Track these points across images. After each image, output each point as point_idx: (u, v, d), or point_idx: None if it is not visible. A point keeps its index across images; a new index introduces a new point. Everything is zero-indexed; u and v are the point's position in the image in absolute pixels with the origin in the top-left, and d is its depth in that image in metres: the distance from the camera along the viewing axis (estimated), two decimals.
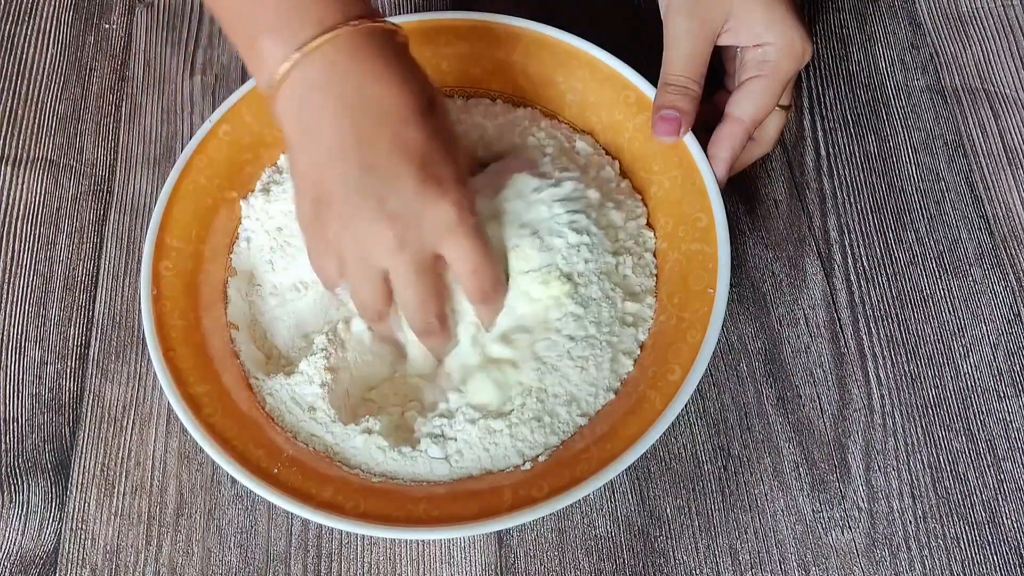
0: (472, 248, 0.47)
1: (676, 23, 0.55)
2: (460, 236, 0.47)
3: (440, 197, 0.45)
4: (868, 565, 0.51)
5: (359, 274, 0.48)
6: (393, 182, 0.45)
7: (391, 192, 0.45)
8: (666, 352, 0.52)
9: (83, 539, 0.53)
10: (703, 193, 0.54)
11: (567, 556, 0.52)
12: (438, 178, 0.46)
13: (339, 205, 0.46)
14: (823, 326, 0.57)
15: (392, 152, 0.45)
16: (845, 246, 0.59)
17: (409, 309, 0.49)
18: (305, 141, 0.46)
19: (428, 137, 0.46)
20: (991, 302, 0.58)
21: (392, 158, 0.45)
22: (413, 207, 0.45)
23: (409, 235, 0.46)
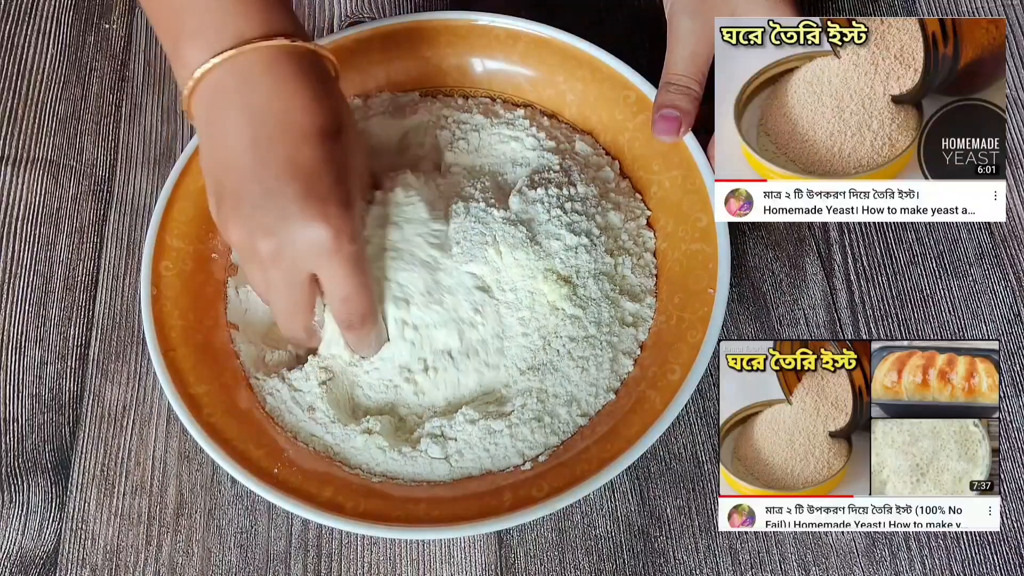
0: (344, 276, 0.47)
1: (679, 23, 0.55)
2: (333, 263, 0.47)
3: (318, 220, 0.46)
4: (868, 565, 0.51)
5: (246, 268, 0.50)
6: (277, 198, 0.46)
7: (272, 208, 0.46)
8: (666, 352, 0.52)
9: (83, 539, 0.53)
10: (703, 193, 0.54)
11: (567, 556, 0.52)
12: (322, 201, 0.46)
13: (228, 209, 0.47)
14: (823, 326, 0.57)
15: (283, 168, 0.46)
16: (845, 246, 0.59)
17: (278, 317, 0.52)
18: (209, 143, 0.48)
19: (324, 159, 0.46)
20: (991, 302, 0.58)
21: (281, 174, 0.46)
22: (290, 226, 0.46)
23: (284, 252, 0.47)
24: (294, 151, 0.46)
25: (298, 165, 0.46)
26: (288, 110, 0.46)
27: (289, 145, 0.46)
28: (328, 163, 0.46)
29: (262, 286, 0.50)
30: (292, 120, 0.46)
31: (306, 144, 0.46)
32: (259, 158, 0.46)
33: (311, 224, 0.46)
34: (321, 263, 0.47)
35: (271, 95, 0.46)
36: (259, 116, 0.46)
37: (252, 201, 0.46)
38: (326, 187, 0.46)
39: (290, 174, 0.46)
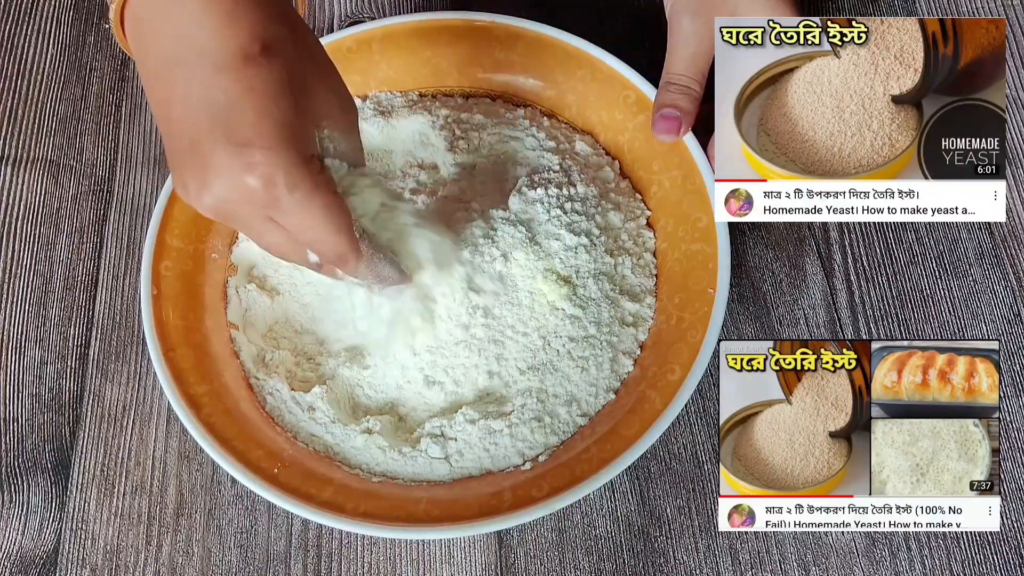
0: (300, 222, 0.40)
1: (680, 23, 0.55)
2: (280, 212, 0.40)
3: (245, 170, 0.38)
4: (868, 565, 0.51)
5: None
6: (200, 149, 0.39)
7: (198, 162, 0.39)
8: (666, 352, 0.52)
9: (83, 539, 0.53)
10: (703, 193, 0.54)
11: (567, 556, 0.52)
12: (244, 147, 0.38)
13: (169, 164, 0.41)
14: (823, 326, 0.57)
15: (199, 110, 0.38)
16: (845, 246, 0.59)
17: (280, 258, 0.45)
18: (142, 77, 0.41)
19: (243, 91, 0.38)
20: (991, 302, 0.58)
21: (199, 119, 0.39)
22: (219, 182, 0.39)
23: (227, 209, 0.40)
24: (208, 87, 0.38)
25: (213, 104, 0.38)
26: (197, 34, 0.38)
27: (201, 80, 0.38)
28: (249, 92, 0.38)
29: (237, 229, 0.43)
30: (204, 47, 0.38)
31: (221, 75, 0.38)
32: (171, 101, 0.39)
33: (237, 175, 0.38)
34: (269, 214, 0.40)
35: (186, 19, 0.39)
36: (174, 48, 0.39)
37: (180, 157, 0.40)
38: (248, 126, 0.38)
39: (207, 117, 0.38)
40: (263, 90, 0.39)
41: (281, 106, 0.39)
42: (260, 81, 0.39)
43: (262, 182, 0.38)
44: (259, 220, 0.41)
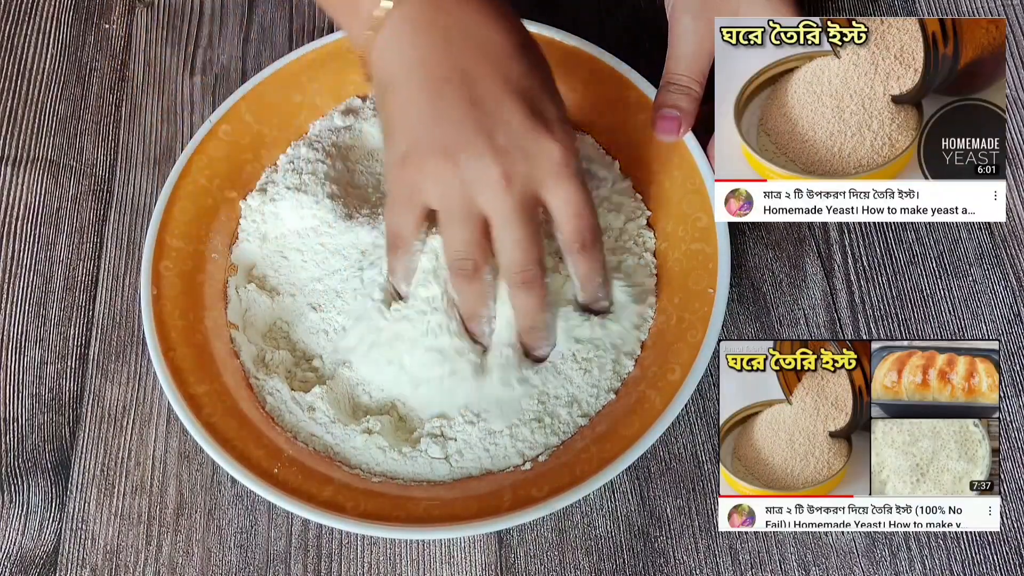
0: (576, 191, 0.46)
1: (681, 22, 0.55)
2: (565, 178, 0.46)
3: (547, 136, 0.45)
4: (868, 565, 0.51)
5: (456, 217, 0.46)
6: (501, 116, 0.44)
7: (499, 126, 0.44)
8: (666, 352, 0.52)
9: (83, 539, 0.53)
10: (703, 193, 0.54)
11: (567, 556, 0.52)
12: (544, 116, 0.45)
13: (440, 142, 0.45)
14: (823, 326, 0.57)
15: (498, 87, 0.45)
16: (845, 246, 0.59)
17: (507, 252, 0.47)
18: (406, 78, 0.45)
19: (530, 72, 0.45)
20: (991, 302, 0.58)
21: (499, 93, 0.44)
22: (521, 143, 0.45)
23: (516, 170, 0.45)
24: (504, 69, 0.45)
25: (512, 82, 0.45)
26: (484, 30, 0.45)
27: (497, 64, 0.45)
28: (538, 77, 0.46)
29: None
30: (492, 38, 0.45)
31: (512, 60, 0.45)
32: (472, 82, 0.45)
33: (543, 140, 0.45)
34: (553, 180, 0.46)
35: (463, 17, 0.45)
36: (459, 41, 0.45)
37: (471, 126, 0.45)
38: (543, 100, 0.45)
39: (508, 92, 0.44)
40: (542, 73, 0.47)
41: (555, 87, 0.47)
42: (541, 68, 0.47)
43: (562, 148, 0.45)
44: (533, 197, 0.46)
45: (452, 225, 0.47)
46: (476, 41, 0.45)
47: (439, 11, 0.45)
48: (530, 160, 0.45)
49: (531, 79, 0.45)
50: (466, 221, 0.46)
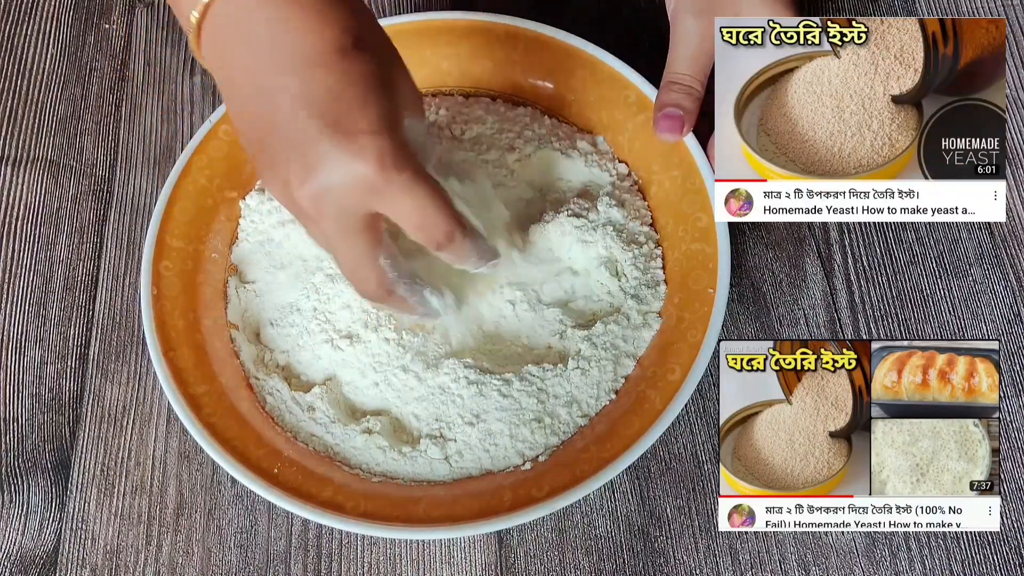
0: (408, 207, 0.41)
1: (683, 22, 0.55)
2: (388, 196, 0.41)
3: (354, 156, 0.39)
4: (868, 565, 0.51)
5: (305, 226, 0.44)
6: (300, 140, 0.40)
7: (299, 153, 0.40)
8: (666, 352, 0.52)
9: (83, 539, 0.53)
10: (703, 193, 0.54)
11: (567, 556, 0.52)
12: (351, 133, 0.39)
13: (259, 164, 0.42)
14: (823, 326, 0.57)
15: (299, 104, 0.39)
16: (845, 246, 0.59)
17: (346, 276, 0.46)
18: (225, 89, 0.42)
19: (343, 81, 0.40)
20: (991, 302, 0.58)
21: (297, 114, 0.39)
22: (324, 169, 0.40)
23: (326, 200, 0.41)
24: (307, 80, 0.39)
25: (314, 96, 0.39)
26: (294, 33, 0.39)
27: (300, 75, 0.40)
28: (349, 84, 0.40)
29: (322, 241, 0.44)
30: (300, 44, 0.39)
31: (318, 69, 0.39)
32: (270, 101, 0.40)
33: (346, 162, 0.39)
34: (374, 201, 0.41)
35: (272, 20, 0.39)
36: (263, 48, 0.40)
37: (274, 152, 0.41)
38: (353, 113, 0.40)
39: (308, 109, 0.39)
40: (362, 81, 0.40)
41: (380, 95, 0.40)
42: (358, 73, 0.40)
43: (373, 165, 0.39)
44: (353, 215, 0.41)
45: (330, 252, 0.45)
46: (281, 48, 0.40)
47: (246, 13, 0.40)
48: (336, 186, 0.40)
49: (341, 89, 0.40)
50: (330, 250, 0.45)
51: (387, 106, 0.41)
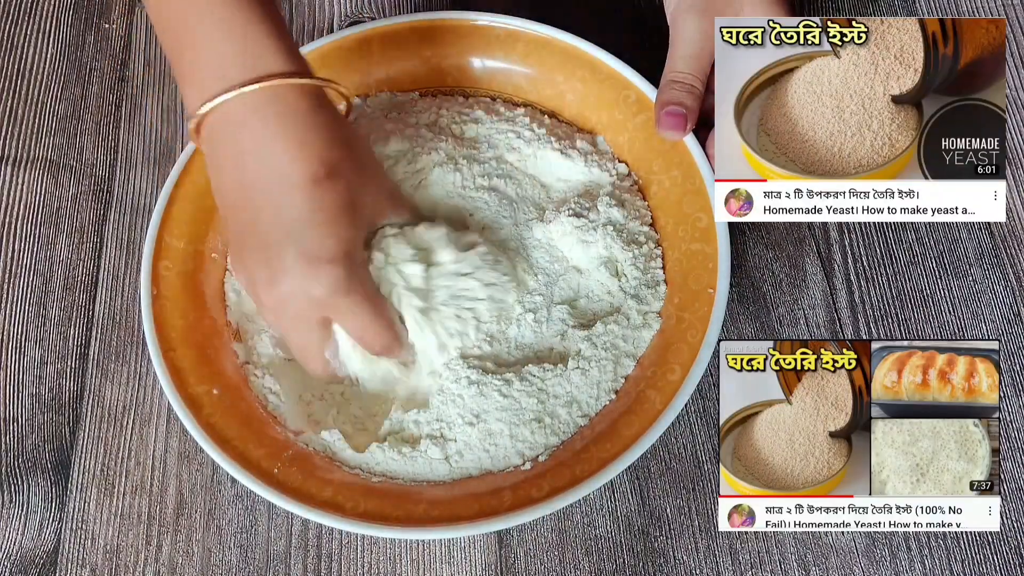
0: (352, 321, 0.48)
1: (684, 22, 0.55)
2: (337, 313, 0.48)
3: (312, 280, 0.46)
4: (868, 565, 0.51)
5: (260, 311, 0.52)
6: (269, 252, 0.46)
7: (266, 262, 0.46)
8: (666, 352, 0.52)
9: (83, 539, 0.53)
10: (703, 193, 0.54)
11: (567, 556, 0.52)
12: (313, 257, 0.46)
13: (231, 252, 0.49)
14: (823, 326, 0.57)
15: (272, 222, 0.46)
16: (845, 246, 0.59)
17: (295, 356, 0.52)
18: (214, 183, 0.48)
19: (313, 209, 0.46)
20: (991, 302, 0.58)
21: (271, 229, 0.46)
22: (286, 282, 0.46)
23: (286, 304, 0.47)
24: (281, 203, 0.46)
25: (286, 219, 0.46)
26: (274, 157, 0.45)
27: (276, 197, 0.46)
28: (317, 212, 0.46)
29: (277, 330, 0.51)
30: (278, 169, 0.45)
31: (293, 196, 0.46)
32: (249, 209, 0.46)
33: (304, 283, 0.46)
34: (326, 312, 0.48)
35: (259, 142, 0.45)
36: (248, 165, 0.46)
37: (248, 252, 0.47)
38: (316, 241, 0.46)
39: (279, 228, 0.46)
40: (329, 209, 0.46)
41: (343, 223, 0.47)
42: (327, 201, 0.46)
43: (326, 290, 0.46)
44: (305, 318, 0.48)
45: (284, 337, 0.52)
46: (261, 172, 0.46)
47: (237, 131, 0.45)
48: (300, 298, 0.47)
49: (310, 216, 0.46)
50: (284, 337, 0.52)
51: (349, 232, 0.47)
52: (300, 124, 0.46)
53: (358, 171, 0.49)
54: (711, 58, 0.54)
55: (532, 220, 0.56)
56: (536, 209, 0.57)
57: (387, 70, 0.61)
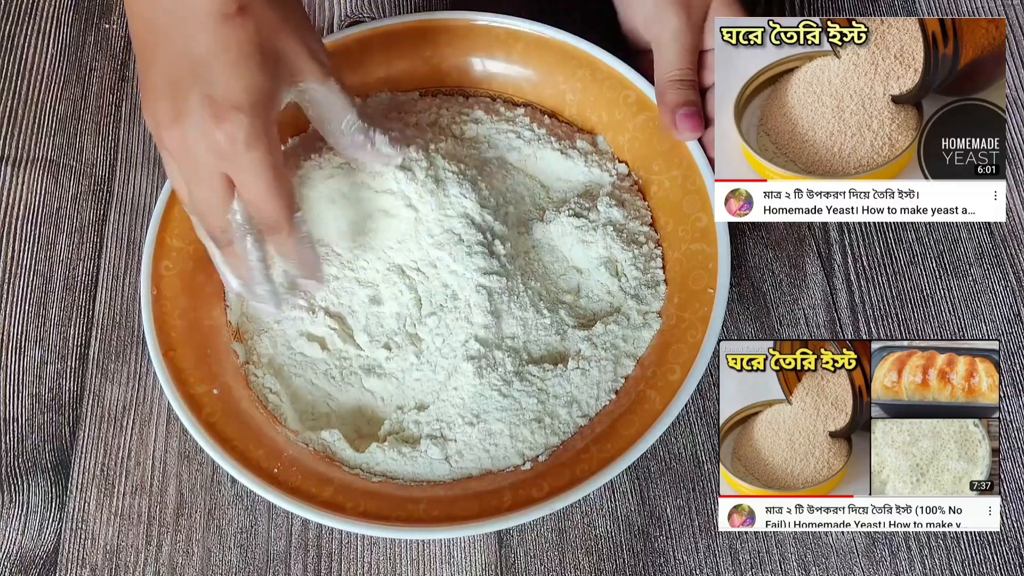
0: (248, 182, 0.45)
1: (664, 20, 0.55)
2: (235, 168, 0.44)
3: (213, 125, 0.43)
4: (868, 565, 0.51)
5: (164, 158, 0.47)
6: (176, 93, 0.43)
7: (171, 103, 0.44)
8: (666, 352, 0.52)
9: (83, 539, 0.53)
10: (703, 193, 0.54)
11: (567, 556, 0.52)
12: (217, 103, 0.43)
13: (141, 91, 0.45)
14: (823, 326, 0.57)
15: (178, 60, 0.43)
16: (845, 246, 0.59)
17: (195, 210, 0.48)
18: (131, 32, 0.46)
19: (220, 48, 0.43)
20: (991, 302, 0.58)
21: (176, 67, 0.43)
22: (189, 125, 0.43)
23: (188, 150, 0.44)
24: (188, 40, 0.43)
25: (192, 57, 0.43)
26: None
27: (183, 33, 0.43)
28: (225, 51, 0.43)
29: (176, 178, 0.47)
30: (186, 2, 0.43)
31: (200, 31, 0.43)
32: (157, 47, 0.44)
33: (206, 126, 0.43)
34: (224, 166, 0.45)
35: None
36: (165, 3, 0.43)
37: (155, 91, 0.44)
38: (223, 83, 0.43)
39: (185, 67, 0.43)
40: (236, 49, 0.43)
41: (251, 68, 0.43)
42: (234, 40, 0.43)
43: (226, 137, 0.43)
44: (208, 168, 0.45)
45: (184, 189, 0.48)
46: (173, 3, 0.43)
47: None
48: (197, 143, 0.44)
49: (216, 56, 0.43)
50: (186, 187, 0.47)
51: (259, 80, 0.44)
52: None
53: (276, 13, 0.45)
54: (698, 49, 0.55)
55: (533, 220, 0.56)
56: (536, 209, 0.57)
57: (387, 70, 0.61)
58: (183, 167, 0.46)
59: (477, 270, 0.52)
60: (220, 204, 0.46)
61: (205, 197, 0.46)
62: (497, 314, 0.52)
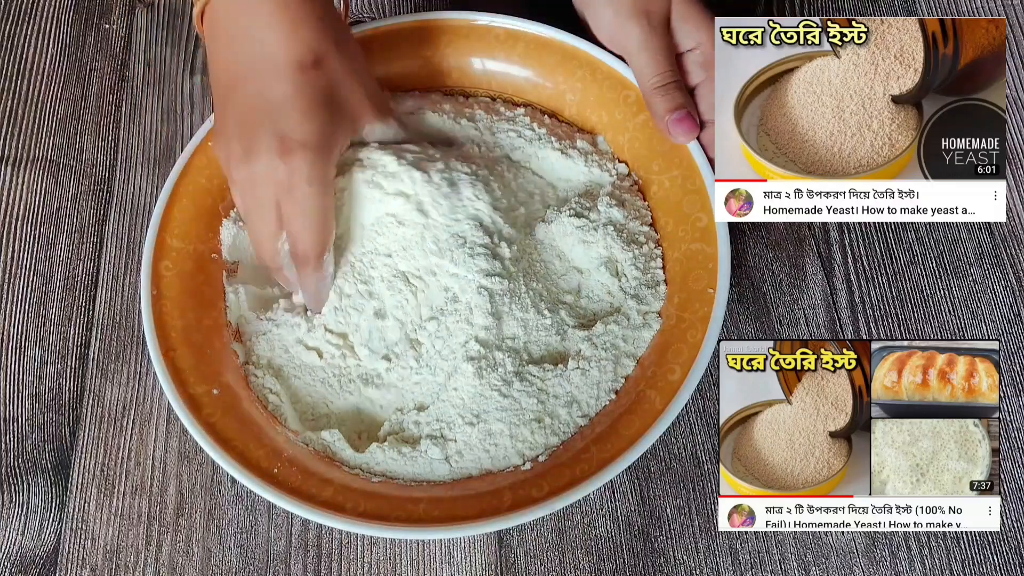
0: (294, 215, 0.49)
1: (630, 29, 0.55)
2: (288, 201, 0.49)
3: (279, 160, 0.47)
4: (868, 565, 0.51)
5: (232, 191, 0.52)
6: (248, 131, 0.48)
7: (243, 140, 0.48)
8: (666, 352, 0.52)
9: (83, 539, 0.53)
10: (703, 193, 0.54)
11: (567, 556, 0.52)
12: (286, 140, 0.47)
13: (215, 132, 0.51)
14: (823, 326, 0.57)
15: (254, 103, 0.48)
16: (845, 246, 0.59)
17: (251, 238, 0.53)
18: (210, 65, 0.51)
19: (295, 95, 0.48)
20: (991, 302, 0.58)
21: (253, 109, 0.48)
22: (257, 160, 0.48)
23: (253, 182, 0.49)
24: (265, 86, 0.48)
25: (268, 101, 0.48)
26: (266, 40, 0.48)
27: (262, 79, 0.48)
28: (299, 98, 0.48)
29: (241, 208, 0.51)
30: (267, 53, 0.48)
31: (278, 79, 0.48)
32: (237, 89, 0.49)
33: (273, 161, 0.47)
34: (281, 198, 0.49)
35: (251, 25, 0.48)
36: (239, 48, 0.48)
37: (229, 130, 0.49)
38: (293, 124, 0.48)
39: (260, 109, 0.48)
40: (310, 96, 0.48)
41: (321, 113, 0.48)
42: (308, 88, 0.48)
43: (289, 170, 0.48)
44: (267, 201, 0.49)
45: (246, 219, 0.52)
46: (252, 52, 0.48)
47: (233, 13, 0.48)
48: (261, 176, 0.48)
49: (290, 100, 0.48)
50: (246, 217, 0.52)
51: (325, 124, 0.49)
52: (294, 11, 0.48)
53: (344, 66, 0.50)
54: (671, 52, 0.55)
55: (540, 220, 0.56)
56: (545, 208, 0.57)
57: (387, 70, 0.61)
58: (246, 199, 0.50)
59: (479, 272, 0.52)
60: (272, 234, 0.50)
61: (259, 227, 0.50)
62: (498, 315, 0.52)
